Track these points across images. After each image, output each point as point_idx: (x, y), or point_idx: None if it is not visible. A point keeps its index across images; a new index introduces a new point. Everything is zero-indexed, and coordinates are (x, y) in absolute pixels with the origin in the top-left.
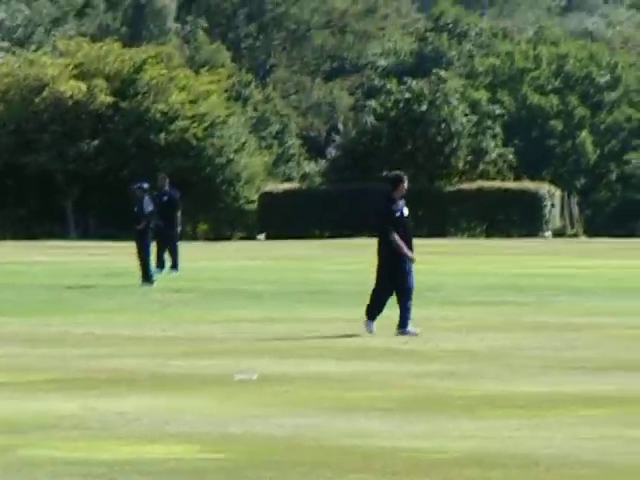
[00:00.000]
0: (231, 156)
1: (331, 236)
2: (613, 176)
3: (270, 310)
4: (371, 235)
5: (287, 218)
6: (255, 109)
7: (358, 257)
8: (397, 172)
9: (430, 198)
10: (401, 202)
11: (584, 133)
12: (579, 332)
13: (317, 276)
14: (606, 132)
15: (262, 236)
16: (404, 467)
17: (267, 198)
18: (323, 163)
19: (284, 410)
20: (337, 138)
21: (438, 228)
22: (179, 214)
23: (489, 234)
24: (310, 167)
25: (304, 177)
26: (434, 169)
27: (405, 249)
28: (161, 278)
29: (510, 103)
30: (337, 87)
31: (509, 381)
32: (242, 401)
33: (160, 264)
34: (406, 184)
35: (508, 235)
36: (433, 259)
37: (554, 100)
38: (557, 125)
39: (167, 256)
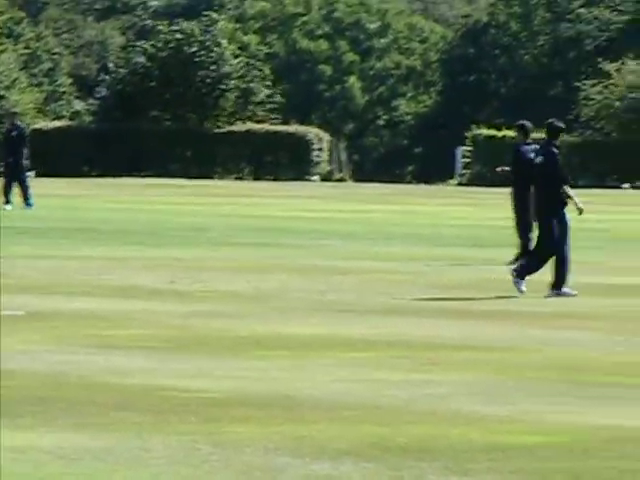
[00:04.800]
0: (2, 92)
1: (100, 175)
2: (381, 122)
3: (37, 247)
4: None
5: (57, 156)
6: (27, 47)
7: (127, 196)
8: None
9: (199, 139)
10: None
11: (353, 78)
12: (344, 275)
13: (85, 214)
14: (375, 78)
15: (32, 173)
16: (169, 406)
17: (37, 135)
18: (93, 102)
19: (49, 347)
20: (107, 78)
21: (207, 169)
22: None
23: (257, 177)
24: (80, 106)
25: (74, 115)
26: (204, 110)
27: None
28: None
29: (280, 47)
30: (109, 27)
31: (275, 322)
32: (8, 337)
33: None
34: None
35: (276, 178)
36: (202, 200)
37: (323, 45)
38: (326, 70)
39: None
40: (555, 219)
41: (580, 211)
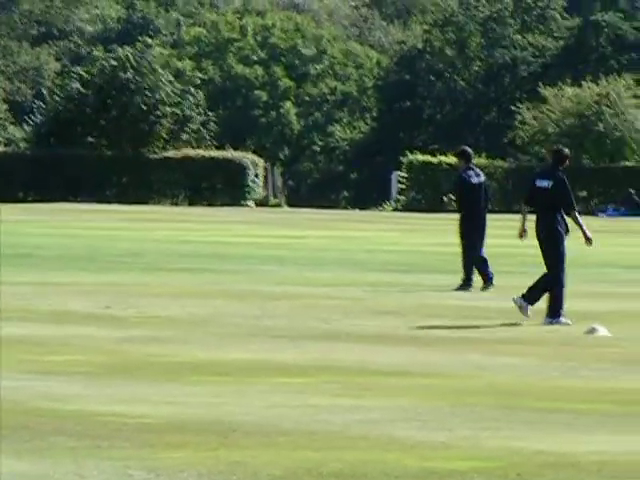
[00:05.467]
0: None
1: (36, 200)
2: (316, 147)
3: None
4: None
5: None
6: None
7: (63, 222)
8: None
9: (135, 165)
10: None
11: (288, 104)
12: (279, 301)
13: (21, 240)
14: (310, 104)
15: None
16: (104, 431)
17: None
18: (28, 128)
19: None
20: (41, 104)
21: (142, 195)
22: None
23: (192, 202)
24: (16, 132)
25: (10, 141)
26: (139, 136)
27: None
28: None
29: (215, 73)
30: (44, 53)
31: (211, 348)
32: None
33: None
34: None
35: (211, 204)
36: (138, 226)
37: (259, 71)
38: (262, 95)
39: None
40: (563, 244)
41: (588, 240)
